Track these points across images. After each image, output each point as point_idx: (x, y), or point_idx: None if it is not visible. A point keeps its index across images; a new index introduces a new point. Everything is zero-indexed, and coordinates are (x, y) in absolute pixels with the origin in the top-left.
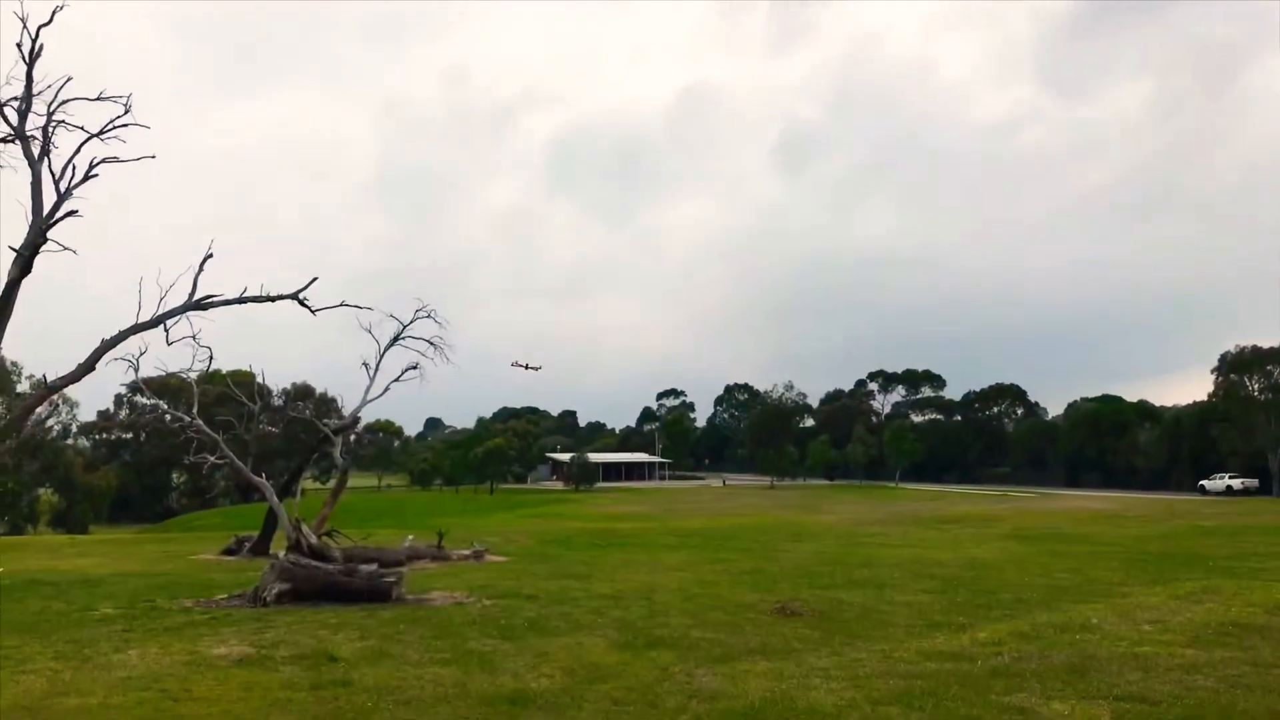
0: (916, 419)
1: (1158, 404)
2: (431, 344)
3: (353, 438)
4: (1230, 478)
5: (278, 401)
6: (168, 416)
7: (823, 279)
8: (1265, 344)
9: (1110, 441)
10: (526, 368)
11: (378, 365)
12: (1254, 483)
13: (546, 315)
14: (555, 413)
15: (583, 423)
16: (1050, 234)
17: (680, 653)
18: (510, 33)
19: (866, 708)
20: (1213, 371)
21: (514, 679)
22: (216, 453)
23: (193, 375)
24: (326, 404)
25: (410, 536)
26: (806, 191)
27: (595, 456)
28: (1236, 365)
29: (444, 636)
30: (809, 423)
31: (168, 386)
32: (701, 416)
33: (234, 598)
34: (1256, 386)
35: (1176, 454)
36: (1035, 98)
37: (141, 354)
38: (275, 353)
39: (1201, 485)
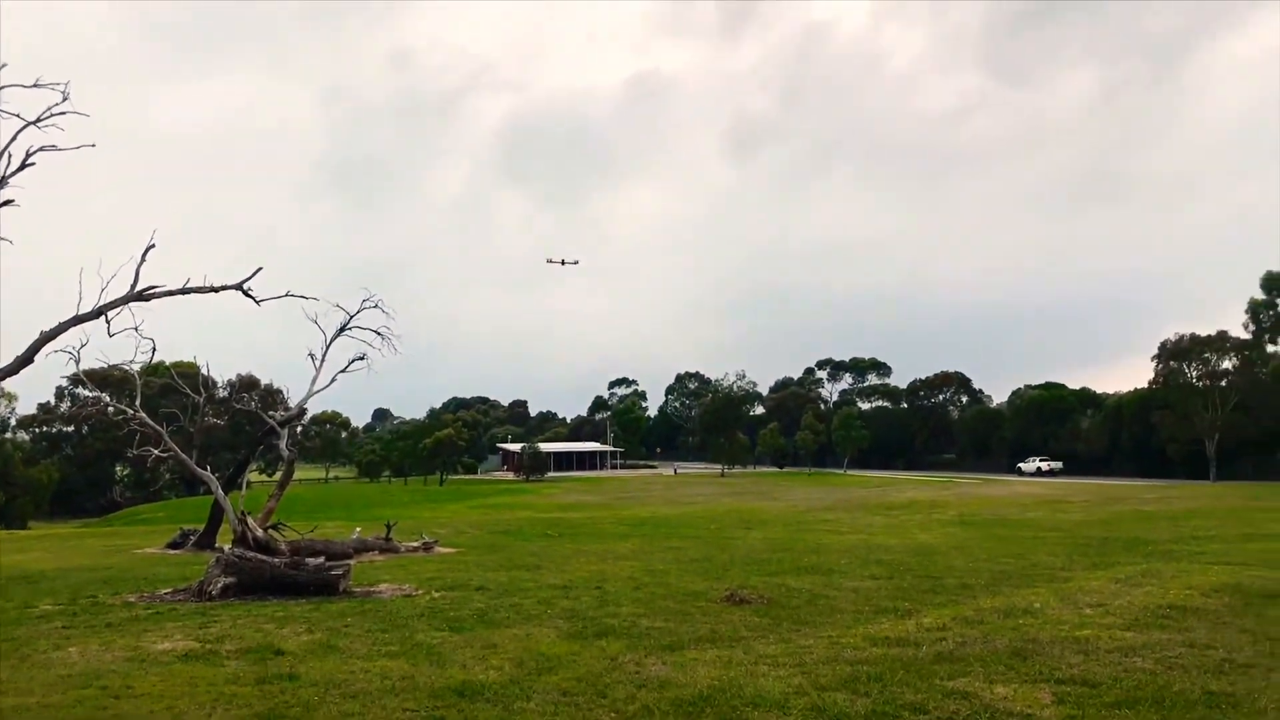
0: (864, 406)
1: (1099, 391)
2: (379, 334)
3: (299, 429)
4: (1040, 460)
5: (223, 393)
6: (110, 409)
7: (772, 267)
8: (1202, 332)
9: (1053, 428)
10: (564, 263)
11: (324, 356)
12: (1058, 465)
13: (497, 304)
14: (506, 402)
15: (534, 412)
16: (995, 223)
17: (629, 642)
18: (456, 17)
19: (813, 694)
20: (1153, 359)
21: (462, 670)
22: (160, 445)
23: (135, 367)
24: (272, 395)
25: (358, 529)
26: (757, 180)
27: (546, 446)
28: (1176, 353)
29: (391, 629)
30: (759, 411)
31: (110, 378)
32: (653, 405)
33: (178, 592)
34: (1195, 374)
35: (1118, 440)
36: (982, 86)
37: (83, 346)
38: (220, 344)
39: (1018, 468)
